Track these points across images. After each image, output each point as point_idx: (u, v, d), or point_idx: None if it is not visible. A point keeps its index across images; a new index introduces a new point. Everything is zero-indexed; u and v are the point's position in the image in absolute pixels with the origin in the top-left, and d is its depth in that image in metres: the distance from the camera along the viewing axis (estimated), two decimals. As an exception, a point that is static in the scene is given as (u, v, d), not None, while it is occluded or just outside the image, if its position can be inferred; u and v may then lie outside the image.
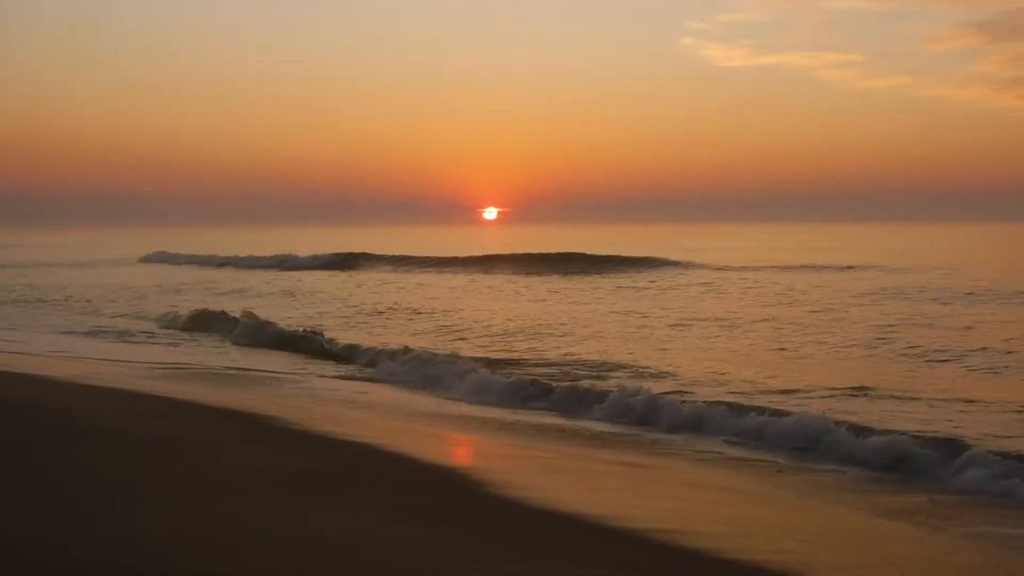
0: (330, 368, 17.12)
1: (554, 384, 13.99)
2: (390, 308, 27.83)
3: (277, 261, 52.51)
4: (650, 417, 11.96)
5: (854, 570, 6.10)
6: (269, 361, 17.53)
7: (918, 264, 43.87)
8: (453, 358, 16.38)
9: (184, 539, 5.39)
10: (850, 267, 42.05)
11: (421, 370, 15.92)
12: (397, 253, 53.70)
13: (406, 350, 17.15)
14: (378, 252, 54.27)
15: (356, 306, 28.84)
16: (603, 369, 16.00)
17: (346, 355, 18.44)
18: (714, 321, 22.98)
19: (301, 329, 21.58)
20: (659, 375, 15.22)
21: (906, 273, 38.24)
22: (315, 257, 52.96)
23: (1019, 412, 11.87)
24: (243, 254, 57.77)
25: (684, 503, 7.92)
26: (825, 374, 15.11)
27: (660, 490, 8.50)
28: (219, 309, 24.68)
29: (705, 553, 6.11)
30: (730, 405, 12.03)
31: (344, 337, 20.52)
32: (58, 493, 6.23)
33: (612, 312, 25.86)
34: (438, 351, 17.29)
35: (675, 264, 44.53)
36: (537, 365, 16.62)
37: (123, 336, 21.12)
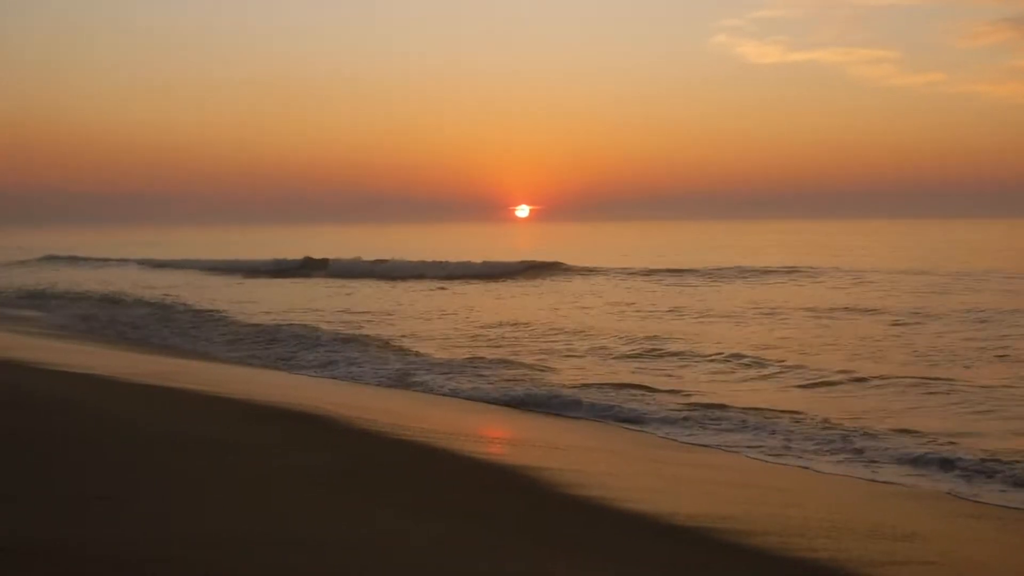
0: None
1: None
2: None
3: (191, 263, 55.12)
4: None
5: (891, 567, 6.08)
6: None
7: (881, 265, 42.14)
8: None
9: (221, 540, 5.44)
10: (790, 270, 39.98)
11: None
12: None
13: None
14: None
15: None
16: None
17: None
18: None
19: None
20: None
21: (826, 277, 36.71)
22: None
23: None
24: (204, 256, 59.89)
25: (723, 500, 7.96)
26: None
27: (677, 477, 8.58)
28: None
29: (748, 548, 6.19)
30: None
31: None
32: (96, 492, 6.27)
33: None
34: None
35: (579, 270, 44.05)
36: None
37: None
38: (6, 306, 29.55)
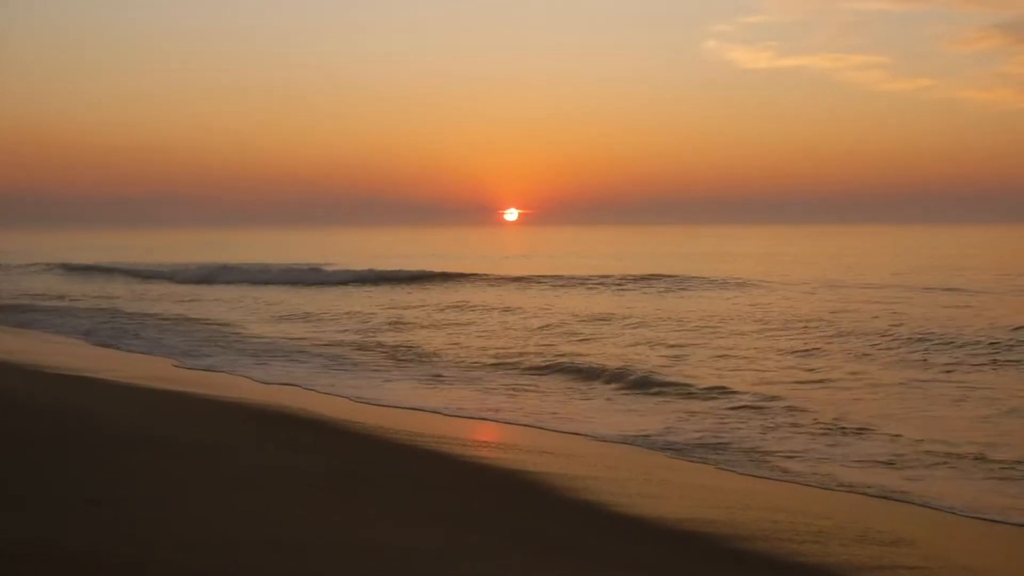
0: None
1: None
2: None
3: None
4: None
5: (878, 572, 6.15)
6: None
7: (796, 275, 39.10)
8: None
9: (213, 543, 5.42)
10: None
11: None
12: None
13: None
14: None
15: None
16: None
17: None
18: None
19: None
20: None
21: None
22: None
23: None
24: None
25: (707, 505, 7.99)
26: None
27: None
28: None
29: (736, 552, 6.26)
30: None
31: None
32: (89, 495, 6.24)
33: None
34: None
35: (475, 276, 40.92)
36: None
37: None
38: None
